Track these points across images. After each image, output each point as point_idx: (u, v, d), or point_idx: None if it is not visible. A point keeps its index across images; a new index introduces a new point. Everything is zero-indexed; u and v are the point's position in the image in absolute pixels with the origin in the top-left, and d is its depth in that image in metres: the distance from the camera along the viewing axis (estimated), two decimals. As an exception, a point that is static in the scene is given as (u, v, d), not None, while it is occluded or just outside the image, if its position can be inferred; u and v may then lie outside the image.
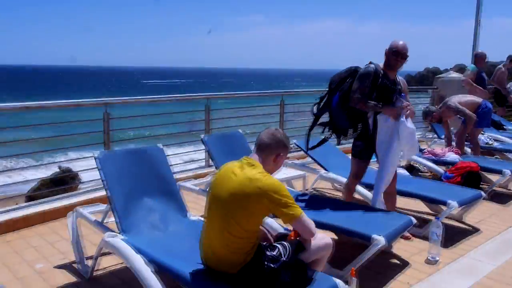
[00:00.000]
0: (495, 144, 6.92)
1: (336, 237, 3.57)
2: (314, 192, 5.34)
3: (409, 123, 3.61)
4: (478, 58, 7.40)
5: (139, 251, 2.64)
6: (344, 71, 3.77)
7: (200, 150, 6.46)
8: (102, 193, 4.49)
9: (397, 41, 3.65)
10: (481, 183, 5.31)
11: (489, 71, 8.39)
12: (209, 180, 4.60)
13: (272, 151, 2.40)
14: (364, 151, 3.88)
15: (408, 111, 3.60)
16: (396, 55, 3.61)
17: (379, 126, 3.71)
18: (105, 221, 3.53)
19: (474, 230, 4.19)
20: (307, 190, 5.01)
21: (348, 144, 7.60)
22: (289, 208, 2.24)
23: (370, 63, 3.66)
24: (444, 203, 3.88)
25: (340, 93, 3.71)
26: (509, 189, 5.61)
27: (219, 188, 2.33)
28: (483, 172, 5.41)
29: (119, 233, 2.90)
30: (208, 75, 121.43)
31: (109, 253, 3.38)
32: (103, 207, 3.63)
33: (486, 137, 6.94)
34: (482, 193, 4.26)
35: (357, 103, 3.57)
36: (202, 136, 4.34)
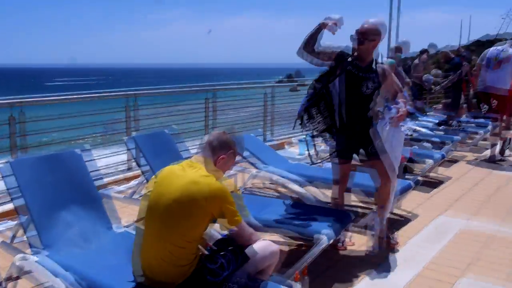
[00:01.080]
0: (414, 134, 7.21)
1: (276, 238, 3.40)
2: (247, 192, 5.15)
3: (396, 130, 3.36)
4: (399, 49, 7.55)
5: (57, 272, 2.29)
6: None
7: (121, 152, 6.02)
8: (9, 206, 3.95)
9: (366, 20, 3.18)
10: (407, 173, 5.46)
11: (404, 64, 8.73)
12: (133, 185, 4.25)
13: (215, 152, 2.22)
14: (344, 150, 3.40)
15: (393, 120, 3.26)
16: (354, 38, 3.17)
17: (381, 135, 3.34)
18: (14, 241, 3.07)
19: (409, 219, 4.28)
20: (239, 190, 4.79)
21: (275, 141, 7.54)
22: (233, 214, 2.10)
23: None
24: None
25: None
26: (431, 178, 5.83)
27: (159, 193, 2.08)
28: (407, 163, 5.57)
29: (31, 254, 2.50)
30: (125, 74, 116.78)
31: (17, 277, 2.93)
32: (12, 223, 3.16)
33: (406, 128, 7.17)
34: (411, 183, 4.34)
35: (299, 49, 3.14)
36: (125, 138, 3.97)
